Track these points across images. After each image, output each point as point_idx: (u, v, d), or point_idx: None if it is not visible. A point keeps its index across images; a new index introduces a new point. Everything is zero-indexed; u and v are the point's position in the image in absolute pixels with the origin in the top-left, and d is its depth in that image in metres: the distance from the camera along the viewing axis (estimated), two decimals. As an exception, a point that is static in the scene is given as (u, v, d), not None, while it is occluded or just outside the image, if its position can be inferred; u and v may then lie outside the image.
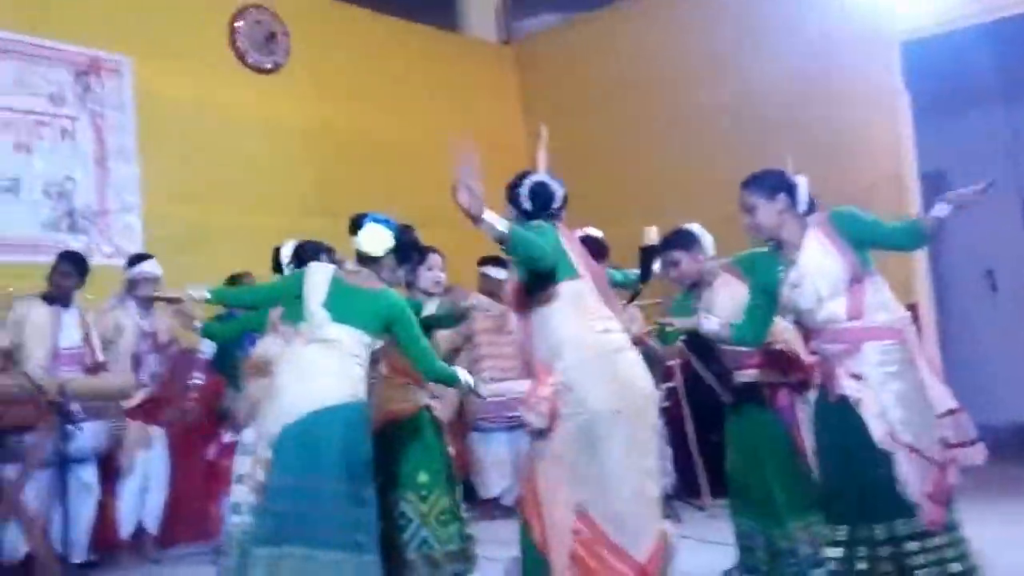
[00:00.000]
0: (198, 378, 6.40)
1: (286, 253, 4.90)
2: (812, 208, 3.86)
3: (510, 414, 6.80)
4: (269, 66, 8.06)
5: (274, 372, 4.09)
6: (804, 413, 4.52)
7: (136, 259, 6.46)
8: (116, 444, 5.67)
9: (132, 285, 6.35)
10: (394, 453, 4.49)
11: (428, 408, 5.12)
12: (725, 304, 4.39)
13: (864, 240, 3.72)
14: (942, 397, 3.62)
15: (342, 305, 4.04)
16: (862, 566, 3.59)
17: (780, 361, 4.60)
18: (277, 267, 4.94)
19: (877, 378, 3.61)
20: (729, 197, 4.01)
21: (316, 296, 4.06)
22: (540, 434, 3.49)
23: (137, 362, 6.21)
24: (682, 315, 4.73)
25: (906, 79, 7.67)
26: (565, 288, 3.49)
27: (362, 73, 8.63)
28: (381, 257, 4.18)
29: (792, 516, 4.43)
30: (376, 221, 4.20)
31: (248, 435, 4.74)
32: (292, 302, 4.21)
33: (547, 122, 3.73)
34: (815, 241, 3.74)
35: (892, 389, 3.60)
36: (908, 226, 3.82)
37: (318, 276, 4.13)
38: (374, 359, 4.19)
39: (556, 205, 3.66)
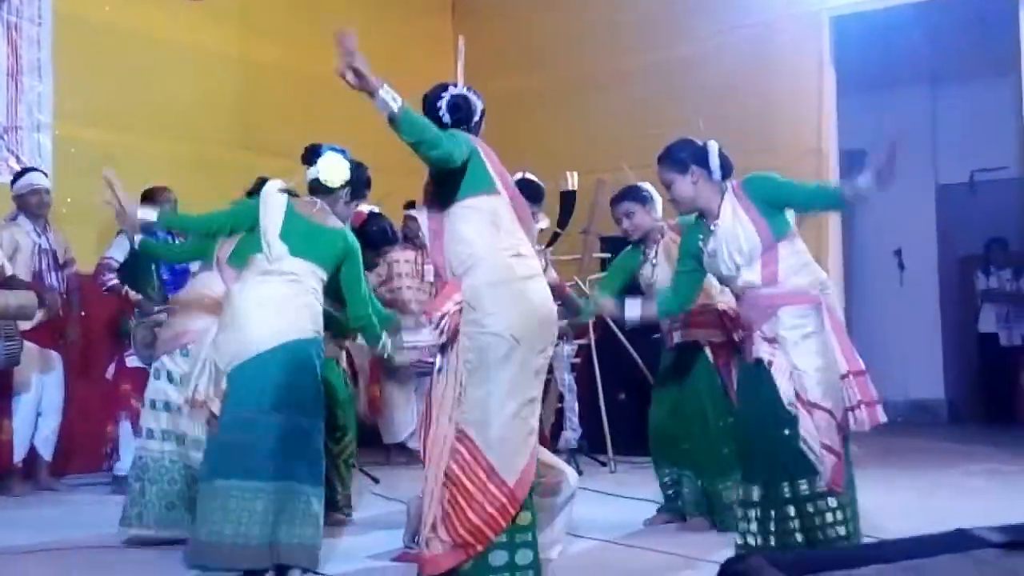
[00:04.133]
0: (111, 280, 6.19)
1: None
2: (728, 171, 3.89)
3: (420, 360, 6.80)
4: (198, -8, 7.83)
5: (229, 304, 4.00)
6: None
7: (20, 173, 6.27)
8: (11, 365, 5.49)
9: (22, 200, 6.14)
10: None
11: (337, 360, 5.13)
12: (674, 259, 4.44)
13: (777, 202, 3.78)
14: (849, 358, 3.71)
15: (299, 239, 3.99)
16: (773, 526, 3.69)
17: (721, 321, 4.72)
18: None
19: (791, 339, 3.69)
20: (655, 154, 4.03)
21: (273, 227, 3.98)
22: (441, 349, 3.47)
23: (39, 280, 5.96)
24: (629, 266, 4.84)
25: (834, 54, 7.76)
26: (482, 202, 3.42)
27: (292, 8, 8.44)
28: (336, 189, 4.12)
29: (734, 468, 4.55)
30: (333, 151, 4.13)
31: (167, 363, 4.65)
32: (242, 244, 4.12)
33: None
34: (729, 209, 3.79)
35: (805, 349, 3.68)
36: (826, 188, 3.92)
37: (274, 206, 4.04)
38: None
39: (475, 119, 3.59)
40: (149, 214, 4.18)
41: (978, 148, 9.49)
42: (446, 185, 3.43)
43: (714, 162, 3.84)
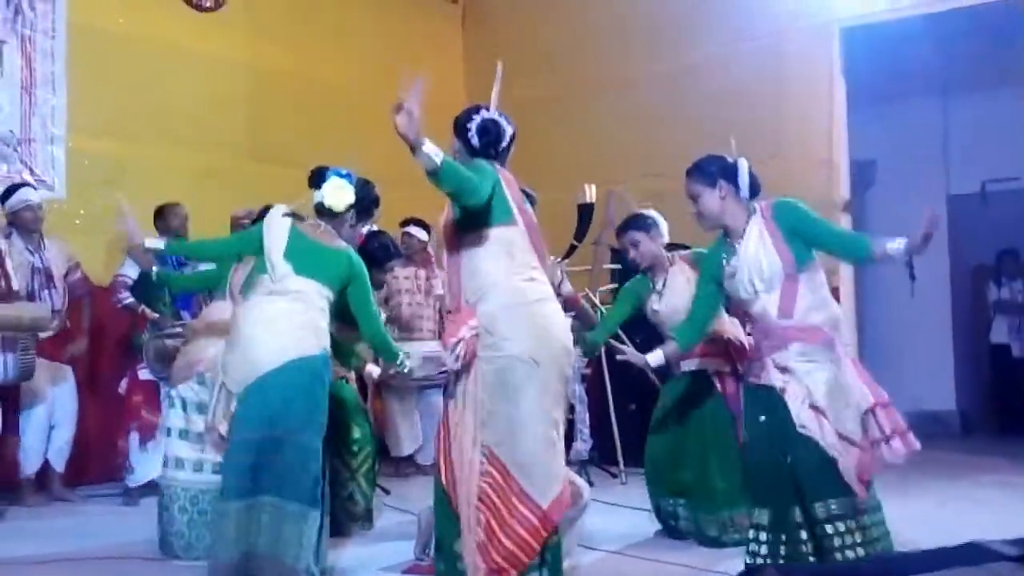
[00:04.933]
0: (127, 298, 6.21)
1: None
2: (756, 190, 3.88)
3: (423, 374, 6.80)
4: (209, 4, 7.86)
5: (235, 325, 3.99)
6: None
7: (11, 189, 6.14)
8: (25, 378, 5.50)
9: (16, 216, 6.05)
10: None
11: (346, 379, 5.14)
12: (682, 287, 4.47)
13: (804, 236, 3.75)
14: (873, 391, 3.69)
15: (304, 259, 3.99)
16: (784, 550, 3.65)
17: (728, 351, 4.71)
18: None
19: (803, 369, 3.69)
20: (665, 164, 4.03)
21: (277, 248, 3.98)
22: (456, 375, 3.49)
23: (31, 300, 5.87)
24: (638, 293, 4.85)
25: (844, 65, 7.76)
26: (498, 233, 3.46)
27: (303, 19, 8.47)
28: (341, 213, 4.13)
29: (727, 505, 4.55)
30: (338, 175, 4.13)
31: (182, 391, 4.67)
32: (253, 272, 4.10)
33: (491, 82, 3.65)
34: (755, 232, 3.77)
35: (816, 379, 3.67)
36: (856, 239, 3.86)
37: (278, 228, 4.05)
38: None
39: (504, 144, 3.60)
40: (156, 243, 4.22)
41: (989, 159, 9.45)
42: (469, 221, 3.46)
43: (743, 179, 3.82)
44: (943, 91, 9.84)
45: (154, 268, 4.75)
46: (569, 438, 7.00)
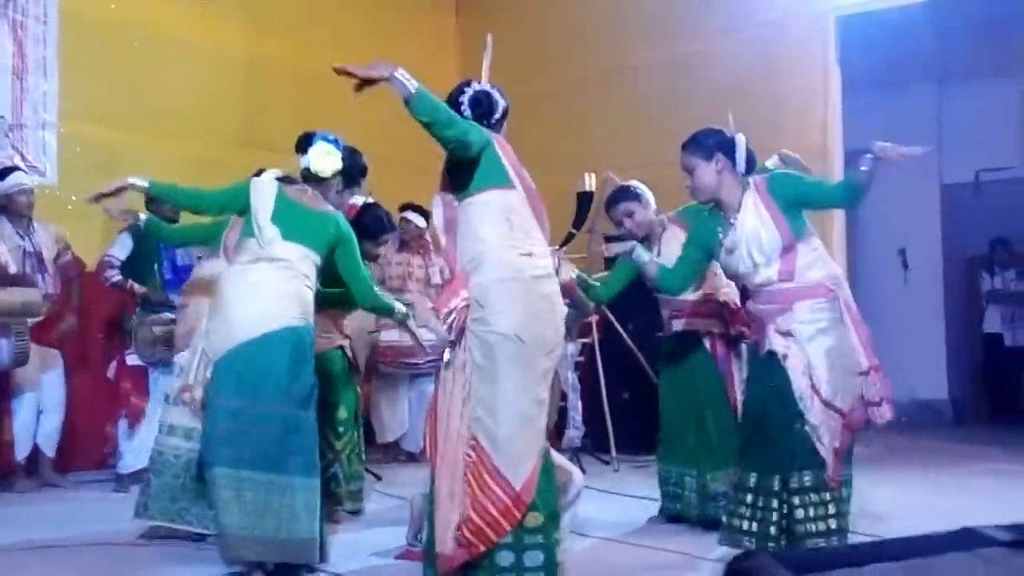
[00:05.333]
0: (114, 276, 6.15)
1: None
2: (752, 166, 3.88)
3: (411, 361, 6.80)
4: (203, -10, 7.83)
5: (220, 291, 3.96)
6: (736, 366, 4.68)
7: (2, 173, 6.14)
8: (20, 363, 5.49)
9: (8, 199, 6.05)
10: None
11: (343, 348, 5.12)
12: (675, 252, 4.42)
13: (801, 203, 3.78)
14: (868, 354, 3.74)
15: (291, 223, 3.96)
16: (761, 514, 3.73)
17: (721, 312, 4.72)
18: None
19: (806, 334, 3.70)
20: (662, 152, 4.03)
21: (264, 211, 3.96)
22: (449, 345, 3.46)
23: (26, 284, 5.75)
24: (633, 268, 4.85)
25: (839, 53, 7.74)
26: (497, 197, 3.40)
27: (298, 8, 8.43)
28: (328, 178, 4.10)
29: (725, 461, 4.55)
30: (325, 140, 4.11)
31: (184, 357, 4.63)
32: (241, 235, 4.06)
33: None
34: (752, 207, 3.79)
35: (819, 345, 3.69)
36: (842, 183, 3.88)
37: (265, 191, 4.02)
38: None
39: (497, 116, 3.56)
40: (140, 181, 4.09)
41: (983, 148, 9.47)
42: (460, 175, 3.41)
43: (741, 154, 3.84)
44: (938, 80, 9.84)
45: (142, 216, 4.69)
46: (562, 425, 7.03)
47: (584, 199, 5.62)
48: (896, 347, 9.60)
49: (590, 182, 5.60)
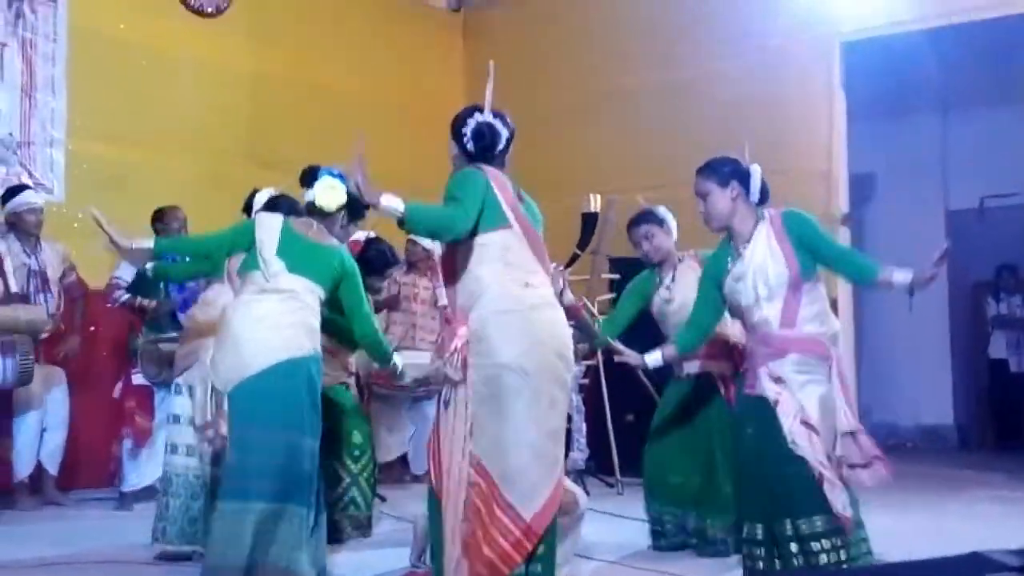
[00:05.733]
0: (122, 296, 6.15)
1: (260, 200, 4.68)
2: (766, 197, 3.87)
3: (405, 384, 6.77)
4: (211, 9, 7.87)
5: (225, 323, 3.96)
6: None
7: (13, 191, 6.16)
8: (24, 383, 5.48)
9: (17, 218, 6.06)
10: (327, 415, 4.43)
11: (347, 384, 5.13)
12: (693, 283, 4.41)
13: (811, 248, 3.74)
14: (849, 417, 3.68)
15: (296, 256, 3.96)
16: (779, 564, 3.65)
17: (732, 355, 4.68)
18: (247, 210, 4.76)
19: (797, 382, 3.67)
20: (666, 175, 4.03)
21: (269, 245, 3.96)
22: (452, 384, 3.43)
23: (27, 302, 5.84)
24: (643, 290, 4.83)
25: (844, 79, 7.76)
26: (492, 238, 3.41)
27: (304, 26, 8.47)
28: (333, 212, 4.12)
29: (728, 507, 4.51)
30: (330, 175, 4.12)
31: (187, 377, 4.64)
32: (249, 255, 4.06)
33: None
34: (763, 238, 3.76)
35: (811, 393, 3.66)
36: (863, 264, 3.83)
37: (270, 225, 4.04)
38: None
39: (499, 148, 3.56)
40: (145, 243, 4.16)
41: (988, 174, 9.47)
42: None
43: (755, 184, 3.82)
44: (943, 106, 9.86)
45: (148, 265, 4.74)
46: (566, 448, 7.00)
47: (589, 220, 5.66)
48: (902, 372, 9.61)
49: (594, 203, 5.63)
